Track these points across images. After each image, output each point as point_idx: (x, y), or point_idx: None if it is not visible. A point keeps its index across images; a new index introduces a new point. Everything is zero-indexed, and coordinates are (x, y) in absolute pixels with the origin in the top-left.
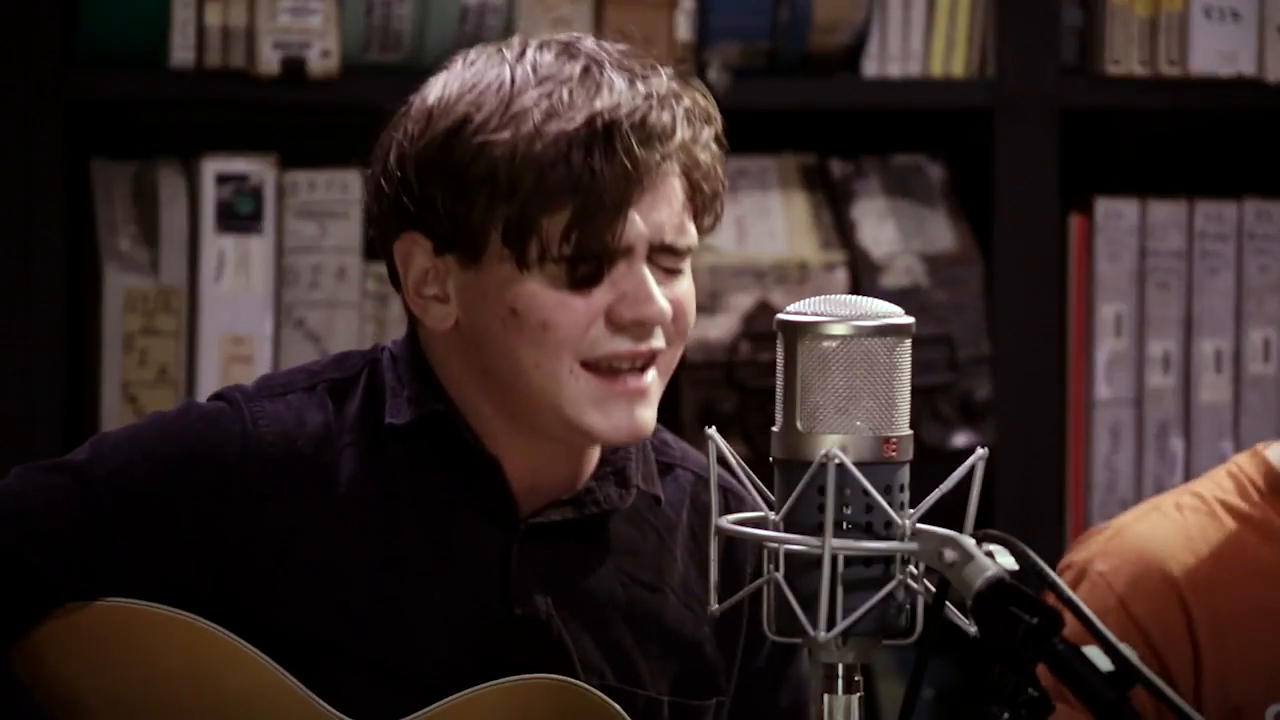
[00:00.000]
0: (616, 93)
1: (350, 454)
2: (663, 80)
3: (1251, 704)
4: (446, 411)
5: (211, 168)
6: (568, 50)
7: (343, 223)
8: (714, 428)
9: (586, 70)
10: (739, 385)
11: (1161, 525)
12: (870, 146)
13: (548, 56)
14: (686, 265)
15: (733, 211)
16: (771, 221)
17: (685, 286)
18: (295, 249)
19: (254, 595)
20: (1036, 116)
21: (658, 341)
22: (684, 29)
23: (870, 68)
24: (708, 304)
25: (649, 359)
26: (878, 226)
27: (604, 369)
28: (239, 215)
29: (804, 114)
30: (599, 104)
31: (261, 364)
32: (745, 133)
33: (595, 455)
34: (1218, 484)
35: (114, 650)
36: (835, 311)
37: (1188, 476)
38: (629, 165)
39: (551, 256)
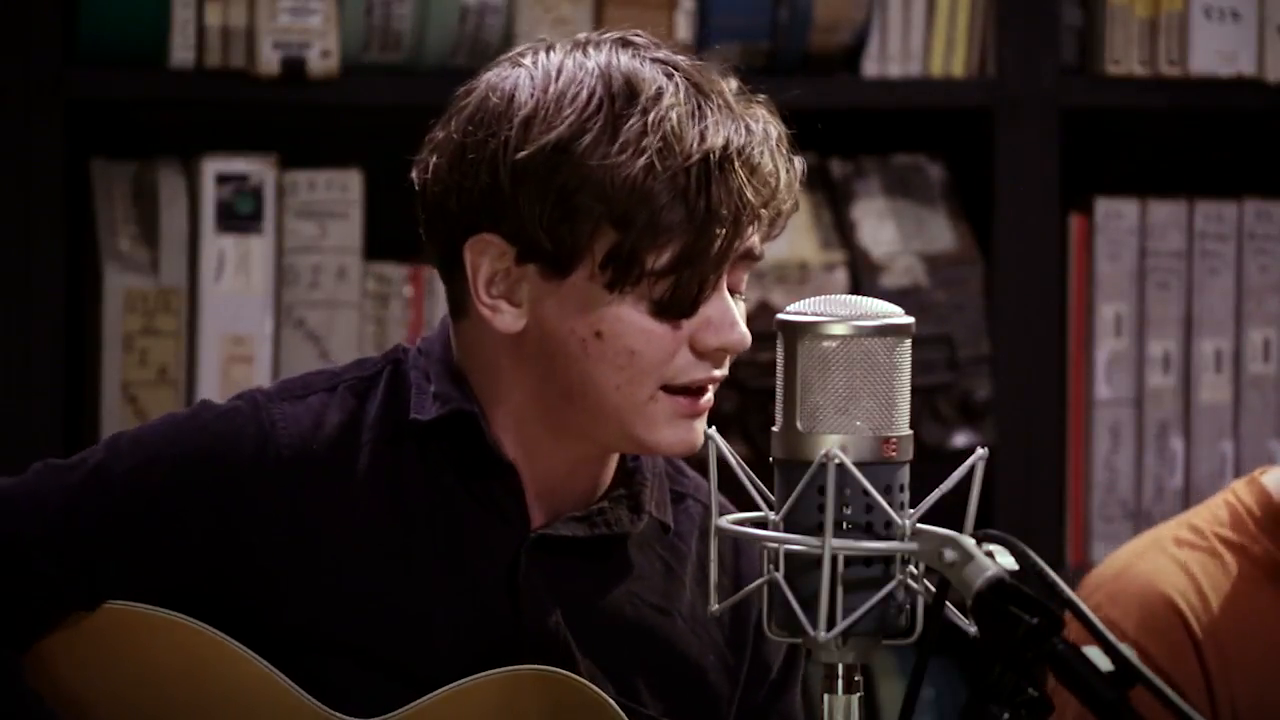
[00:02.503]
0: (726, 129)
1: (368, 453)
2: (757, 111)
3: None
4: (472, 412)
5: (211, 168)
6: (658, 64)
7: (343, 223)
8: (714, 428)
9: (689, 95)
10: (739, 385)
11: (1164, 563)
12: (870, 146)
13: (641, 68)
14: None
15: None
16: None
17: (744, 309)
18: (295, 249)
19: (261, 595)
20: (1036, 116)
21: (726, 368)
22: (684, 29)
23: (870, 68)
24: None
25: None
26: (878, 226)
27: (677, 391)
28: (239, 215)
29: (804, 114)
30: (711, 141)
31: (261, 364)
32: None
33: (612, 471)
34: (1215, 516)
35: (112, 652)
36: (835, 311)
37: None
38: (740, 207)
39: (649, 288)
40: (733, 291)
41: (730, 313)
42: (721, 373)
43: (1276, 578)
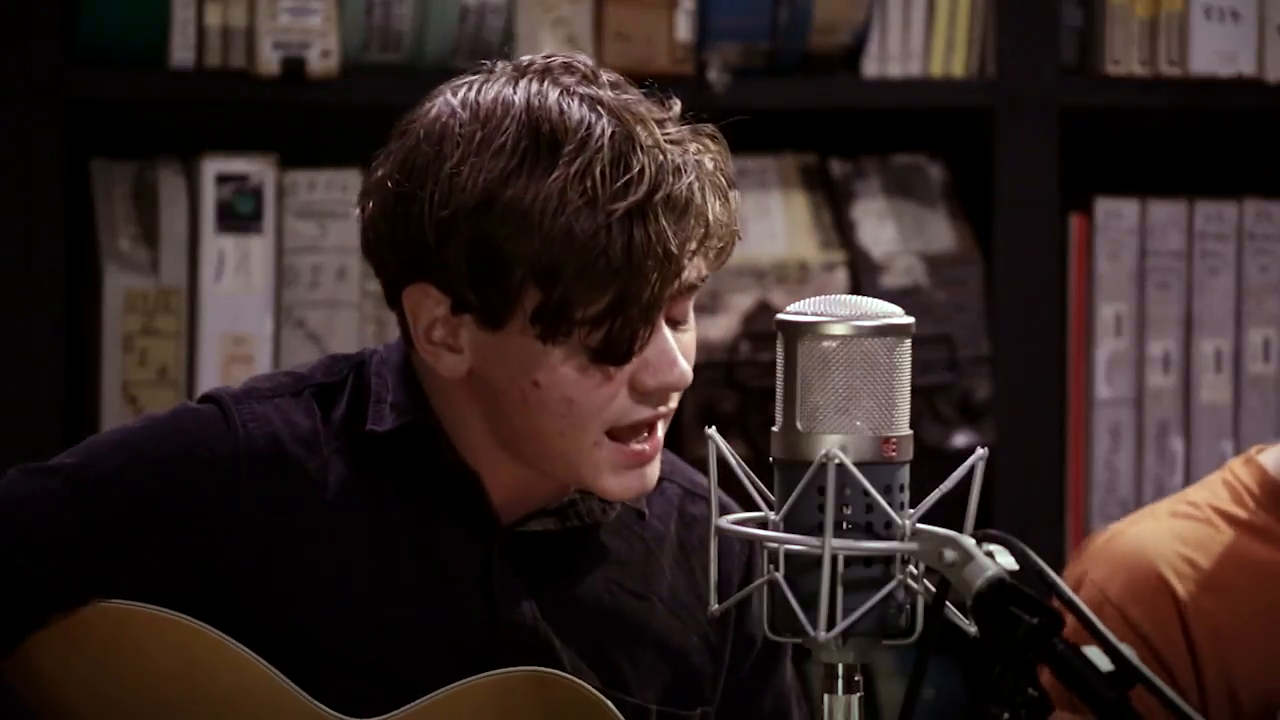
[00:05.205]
0: (650, 175)
1: (337, 460)
2: (689, 146)
3: (1258, 707)
4: (426, 423)
5: (211, 168)
6: (588, 102)
7: (343, 223)
8: (714, 428)
9: (614, 140)
10: (739, 385)
11: (1154, 529)
12: (870, 146)
13: (569, 109)
14: (692, 312)
15: None
16: (771, 221)
17: (691, 337)
18: (295, 249)
19: (244, 597)
20: (1036, 116)
21: (673, 402)
22: (684, 29)
23: (870, 68)
24: (708, 304)
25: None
26: (878, 226)
27: (623, 434)
28: (239, 215)
29: (804, 114)
30: (635, 191)
31: (261, 364)
32: (745, 133)
33: None
34: (1212, 491)
35: (107, 650)
36: (835, 311)
37: (1188, 476)
38: (667, 254)
39: (582, 338)
40: (677, 322)
41: (669, 352)
42: (667, 408)
43: (1271, 542)
